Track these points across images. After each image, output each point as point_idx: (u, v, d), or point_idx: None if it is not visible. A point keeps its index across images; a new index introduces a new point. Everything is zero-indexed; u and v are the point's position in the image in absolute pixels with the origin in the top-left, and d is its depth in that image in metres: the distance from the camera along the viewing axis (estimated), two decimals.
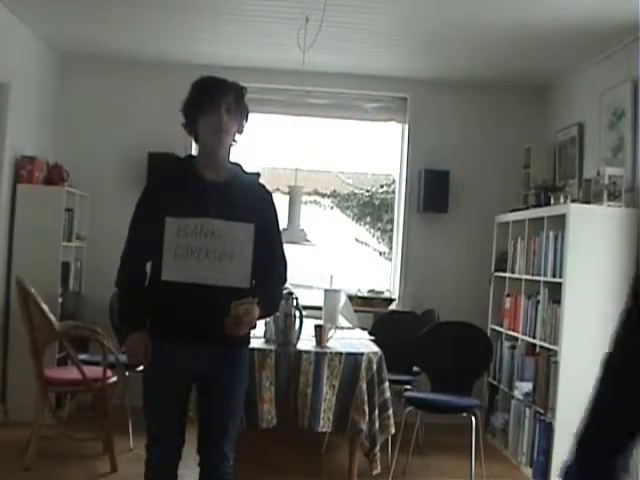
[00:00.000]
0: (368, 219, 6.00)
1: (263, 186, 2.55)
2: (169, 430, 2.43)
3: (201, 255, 2.33)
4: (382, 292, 5.62)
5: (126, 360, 2.66)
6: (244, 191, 2.45)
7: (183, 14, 4.44)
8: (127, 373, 4.18)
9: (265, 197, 2.52)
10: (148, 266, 2.51)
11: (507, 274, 4.95)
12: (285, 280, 2.56)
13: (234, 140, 2.46)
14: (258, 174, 2.59)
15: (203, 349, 2.36)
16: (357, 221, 6.04)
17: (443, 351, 4.26)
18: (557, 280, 4.11)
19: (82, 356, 4.36)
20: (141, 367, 2.47)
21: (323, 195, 5.95)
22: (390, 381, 3.73)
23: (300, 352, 3.53)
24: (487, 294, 5.14)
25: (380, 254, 6.00)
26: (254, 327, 2.38)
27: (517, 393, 4.55)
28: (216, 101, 2.37)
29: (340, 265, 5.70)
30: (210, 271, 2.34)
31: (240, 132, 2.47)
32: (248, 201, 2.43)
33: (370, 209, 6.03)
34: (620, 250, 4.00)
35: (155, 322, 2.43)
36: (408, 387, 4.32)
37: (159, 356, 2.40)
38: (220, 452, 2.45)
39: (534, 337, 4.40)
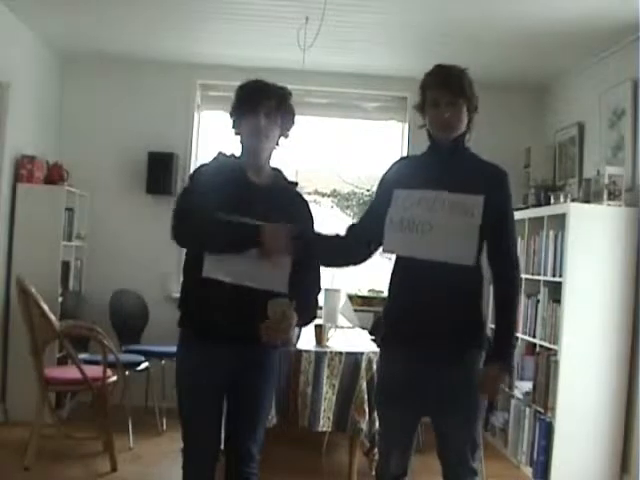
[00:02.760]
0: None
1: (301, 194, 2.56)
2: (209, 431, 2.39)
3: (246, 256, 2.29)
4: (382, 291, 5.62)
5: (125, 359, 2.64)
6: (285, 196, 2.46)
7: (183, 14, 4.45)
8: (127, 372, 4.19)
9: (304, 204, 2.53)
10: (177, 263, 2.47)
11: None
12: (320, 289, 2.52)
13: (277, 144, 2.47)
14: (296, 183, 2.58)
15: (239, 350, 2.33)
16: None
17: None
18: (557, 279, 4.11)
19: (82, 356, 4.37)
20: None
21: (323, 195, 5.95)
22: None
23: (300, 351, 3.53)
24: (487, 293, 5.13)
25: (380, 254, 5.99)
26: (289, 340, 2.37)
27: (517, 392, 4.55)
28: (254, 105, 2.37)
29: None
30: (253, 272, 2.29)
31: (285, 136, 2.48)
32: (289, 207, 2.43)
33: None
34: (620, 250, 4.00)
35: (193, 321, 2.38)
36: None
37: (197, 356, 2.36)
38: (248, 453, 2.45)
39: (534, 336, 4.41)
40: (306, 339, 3.68)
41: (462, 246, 2.18)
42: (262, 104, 2.37)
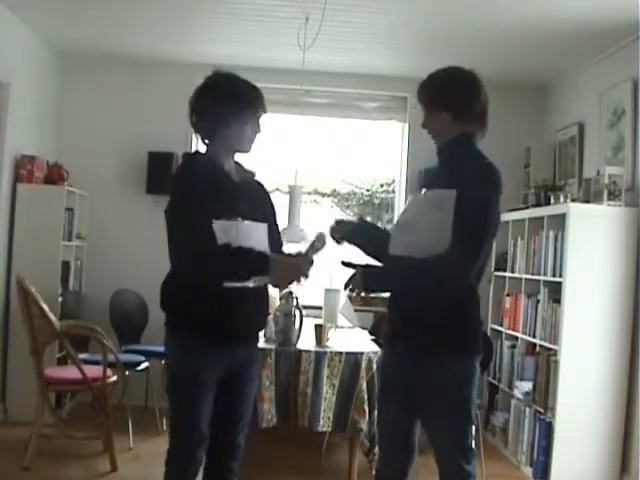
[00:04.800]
0: (368, 218, 6.00)
1: (261, 183, 2.59)
2: (207, 431, 2.39)
3: None
4: None
5: (125, 359, 2.62)
6: (255, 189, 2.51)
7: (183, 14, 4.45)
8: (127, 373, 4.19)
9: (268, 194, 2.57)
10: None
11: (507, 273, 4.95)
12: None
13: None
14: (254, 172, 2.59)
15: (236, 348, 2.39)
16: None
17: None
18: (557, 280, 4.11)
19: (82, 355, 4.37)
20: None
21: (323, 195, 5.95)
22: None
23: (300, 351, 3.53)
24: (487, 293, 5.14)
25: None
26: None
27: (517, 392, 4.55)
28: (260, 112, 2.41)
29: (340, 264, 5.68)
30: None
31: None
32: (260, 200, 2.48)
33: (370, 208, 6.03)
34: (620, 250, 4.00)
35: (197, 323, 2.35)
36: None
37: (201, 357, 2.35)
38: (237, 447, 2.48)
39: (534, 336, 4.41)
40: (306, 339, 3.68)
41: (437, 242, 2.15)
42: (264, 112, 2.42)
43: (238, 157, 2.51)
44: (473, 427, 2.31)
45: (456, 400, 2.25)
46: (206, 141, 2.43)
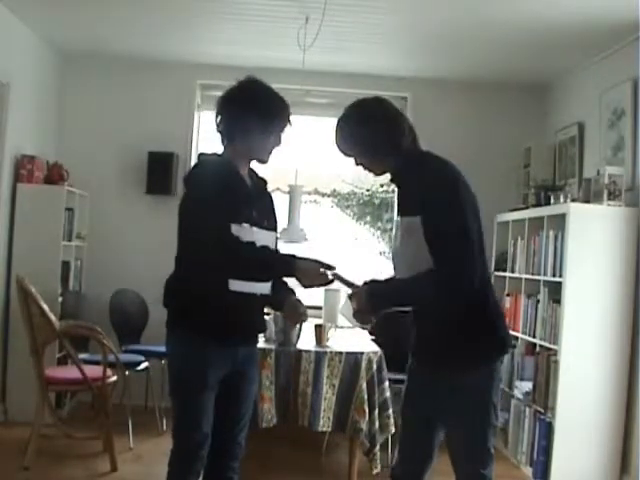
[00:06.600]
0: (368, 218, 6.00)
1: (271, 194, 2.60)
2: (209, 431, 2.39)
3: None
4: None
5: (125, 359, 2.62)
6: (265, 198, 2.53)
7: (183, 14, 4.45)
8: (127, 372, 4.19)
9: (274, 204, 2.58)
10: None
11: (507, 273, 4.95)
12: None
13: None
14: (266, 181, 2.60)
15: (240, 348, 2.43)
16: (357, 220, 6.04)
17: None
18: (557, 280, 4.11)
19: (82, 355, 4.37)
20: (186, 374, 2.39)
21: (323, 195, 5.95)
22: (390, 380, 3.74)
23: (300, 351, 3.54)
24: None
25: (380, 253, 6.00)
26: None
27: (517, 392, 4.55)
28: (289, 125, 2.47)
29: (340, 264, 5.68)
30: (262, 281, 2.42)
31: None
32: (270, 209, 2.51)
33: (370, 208, 6.04)
34: (620, 250, 4.00)
35: (204, 323, 2.34)
36: None
37: (205, 356, 2.35)
38: (238, 447, 2.50)
39: (534, 336, 4.41)
40: (306, 339, 3.68)
41: (419, 267, 2.16)
42: (289, 126, 2.48)
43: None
44: (493, 430, 2.27)
45: (475, 403, 2.23)
46: (225, 143, 2.43)
